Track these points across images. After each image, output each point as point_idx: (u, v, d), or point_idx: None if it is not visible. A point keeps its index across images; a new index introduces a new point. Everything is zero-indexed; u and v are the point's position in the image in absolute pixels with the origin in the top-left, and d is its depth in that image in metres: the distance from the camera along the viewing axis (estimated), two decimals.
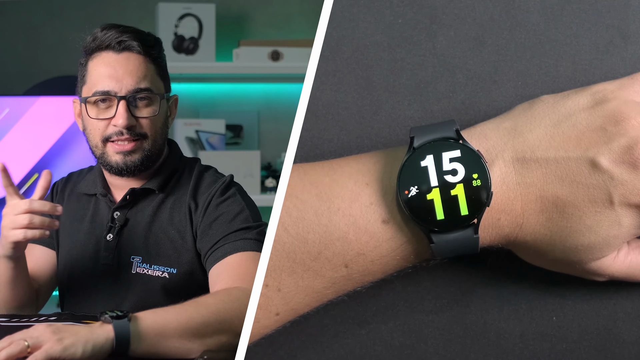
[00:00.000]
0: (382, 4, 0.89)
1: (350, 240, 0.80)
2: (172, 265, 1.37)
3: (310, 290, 0.82)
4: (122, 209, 1.41)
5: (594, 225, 0.80)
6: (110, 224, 1.41)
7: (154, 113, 1.37)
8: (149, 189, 1.41)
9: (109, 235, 1.40)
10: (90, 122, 1.38)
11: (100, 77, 1.36)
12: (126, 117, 1.34)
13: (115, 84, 1.35)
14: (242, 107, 2.84)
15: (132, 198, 1.41)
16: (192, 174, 1.42)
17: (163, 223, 1.39)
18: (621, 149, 0.79)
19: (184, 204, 1.39)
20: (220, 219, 1.35)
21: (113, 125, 1.35)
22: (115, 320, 1.06)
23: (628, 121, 0.79)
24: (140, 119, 1.36)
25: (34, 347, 1.01)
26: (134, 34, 1.38)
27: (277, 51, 2.65)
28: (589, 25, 0.87)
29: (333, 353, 0.88)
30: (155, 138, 1.38)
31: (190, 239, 1.37)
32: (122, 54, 1.36)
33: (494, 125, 0.82)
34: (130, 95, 1.35)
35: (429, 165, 0.80)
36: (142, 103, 1.36)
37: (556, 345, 0.87)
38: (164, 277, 1.37)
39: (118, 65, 1.36)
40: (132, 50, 1.36)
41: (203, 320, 1.12)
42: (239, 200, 1.38)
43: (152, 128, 1.38)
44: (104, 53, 1.37)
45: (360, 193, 0.81)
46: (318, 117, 0.88)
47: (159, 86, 1.39)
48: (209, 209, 1.37)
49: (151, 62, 1.38)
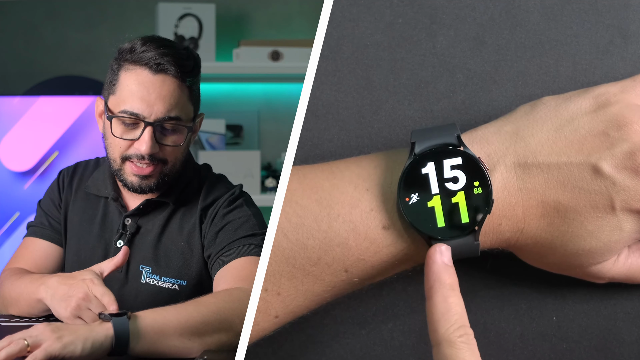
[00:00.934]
0: (382, 3, 0.88)
1: (351, 246, 0.80)
2: (182, 278, 1.37)
3: (309, 294, 0.82)
4: (134, 217, 1.40)
5: (595, 230, 0.80)
6: (122, 230, 1.40)
7: (179, 143, 1.35)
8: (164, 202, 1.40)
9: (119, 241, 1.39)
10: (113, 138, 1.35)
11: (132, 96, 1.32)
12: (150, 145, 1.32)
13: (145, 108, 1.31)
14: (242, 107, 2.84)
15: (144, 208, 1.40)
16: (204, 184, 1.42)
17: (173, 234, 1.39)
18: (623, 154, 0.78)
19: (194, 215, 1.39)
20: (226, 228, 1.36)
21: (135, 148, 1.33)
22: (114, 318, 1.06)
23: (631, 126, 0.78)
24: (164, 147, 1.34)
25: (33, 346, 1.01)
26: (173, 57, 1.33)
27: (277, 51, 2.65)
28: (589, 25, 0.87)
29: (333, 353, 0.87)
30: (175, 164, 1.37)
31: (198, 249, 1.37)
32: (157, 75, 1.32)
33: (495, 129, 0.82)
34: (158, 123, 1.32)
35: (430, 172, 0.80)
36: (168, 132, 1.34)
37: (556, 345, 0.87)
38: (173, 289, 1.36)
39: (152, 88, 1.31)
40: (169, 73, 1.32)
41: (203, 319, 1.13)
42: (245, 210, 1.38)
43: (174, 155, 1.36)
44: (140, 70, 1.32)
45: (360, 199, 0.81)
46: (318, 117, 0.88)
47: (188, 113, 1.36)
48: (216, 219, 1.37)
49: (186, 87, 1.34)
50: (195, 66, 1.37)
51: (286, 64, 2.65)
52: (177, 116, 1.33)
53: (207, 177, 1.44)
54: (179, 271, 1.37)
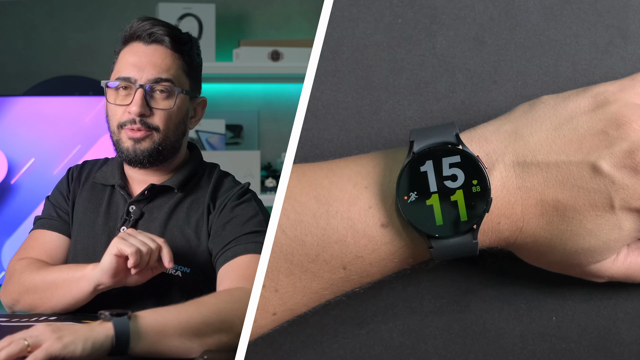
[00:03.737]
0: (382, 4, 0.89)
1: (349, 244, 0.80)
2: (186, 265, 1.37)
3: (307, 291, 0.82)
4: (139, 203, 1.42)
5: (594, 229, 0.80)
6: (125, 216, 1.41)
7: (170, 106, 1.38)
8: (168, 186, 1.42)
9: (122, 228, 1.40)
10: (110, 107, 1.39)
11: (126, 64, 1.38)
12: (140, 104, 1.35)
13: (136, 72, 1.37)
14: (242, 107, 2.84)
15: (150, 194, 1.42)
16: (212, 178, 1.44)
17: (180, 221, 1.40)
18: (622, 153, 0.78)
19: (202, 205, 1.40)
20: (233, 221, 1.37)
21: (128, 112, 1.37)
22: (114, 318, 1.06)
23: (629, 125, 0.79)
24: (155, 110, 1.37)
25: (33, 346, 1.01)
26: (166, 28, 1.39)
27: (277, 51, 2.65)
28: (589, 25, 0.87)
29: (333, 353, 0.88)
30: (167, 133, 1.39)
31: (205, 239, 1.38)
32: (150, 45, 1.38)
33: (494, 128, 0.82)
34: (149, 85, 1.36)
35: (429, 170, 0.80)
36: (159, 95, 1.37)
37: (556, 345, 0.87)
38: (177, 275, 1.37)
39: (144, 55, 1.38)
40: (162, 43, 1.38)
41: (203, 319, 1.12)
42: (253, 205, 1.40)
43: (165, 122, 1.38)
44: (135, 43, 1.39)
45: (359, 196, 0.81)
46: (318, 117, 0.88)
47: (182, 82, 1.40)
48: (224, 211, 1.38)
49: (180, 58, 1.39)
50: (190, 40, 1.42)
51: (286, 64, 2.65)
52: (168, 78, 1.37)
53: (215, 171, 1.46)
54: (184, 258, 1.37)
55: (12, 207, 2.46)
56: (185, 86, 1.40)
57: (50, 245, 1.45)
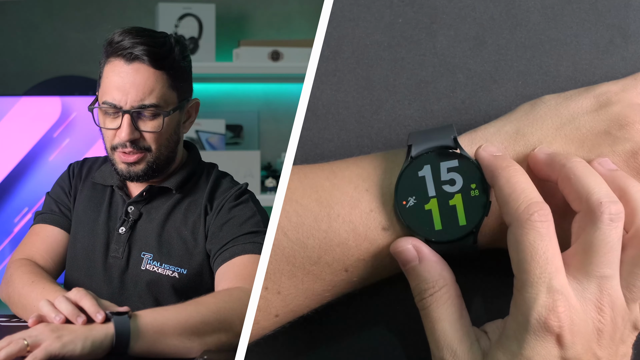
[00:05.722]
0: (382, 3, 0.89)
1: (350, 247, 0.80)
2: (182, 266, 1.38)
3: (310, 293, 0.82)
4: (137, 204, 1.42)
5: None
6: (124, 217, 1.42)
7: (158, 129, 1.36)
8: (166, 187, 1.42)
9: (121, 228, 1.41)
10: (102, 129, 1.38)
11: (110, 86, 1.35)
12: (129, 132, 1.34)
13: (121, 97, 1.34)
14: (242, 107, 2.84)
15: (148, 195, 1.42)
16: (210, 178, 1.44)
17: (177, 223, 1.40)
18: (626, 153, 0.78)
19: (199, 206, 1.40)
20: (231, 222, 1.37)
21: (118, 137, 1.36)
22: (115, 317, 1.06)
23: (633, 125, 0.78)
24: (145, 133, 1.36)
25: (33, 346, 1.01)
26: (146, 46, 1.35)
27: (277, 51, 2.65)
28: (589, 25, 0.87)
29: (333, 353, 0.87)
30: (160, 151, 1.38)
31: (202, 240, 1.38)
32: (132, 64, 1.35)
33: (495, 129, 0.82)
34: (134, 110, 1.34)
35: (427, 175, 0.80)
36: (147, 118, 1.36)
37: None
38: (173, 276, 1.37)
39: (126, 77, 1.34)
40: (142, 62, 1.35)
41: (203, 319, 1.13)
42: (251, 205, 1.40)
43: (156, 142, 1.38)
44: (116, 61, 1.36)
45: (360, 199, 0.81)
46: (318, 117, 0.88)
47: (168, 99, 1.37)
48: (221, 212, 1.38)
49: (163, 74, 1.36)
50: (171, 51, 1.38)
51: (286, 64, 2.65)
52: (153, 103, 1.35)
53: (213, 172, 1.46)
54: (181, 259, 1.38)
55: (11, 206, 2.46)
56: (173, 102, 1.38)
57: (51, 239, 1.46)
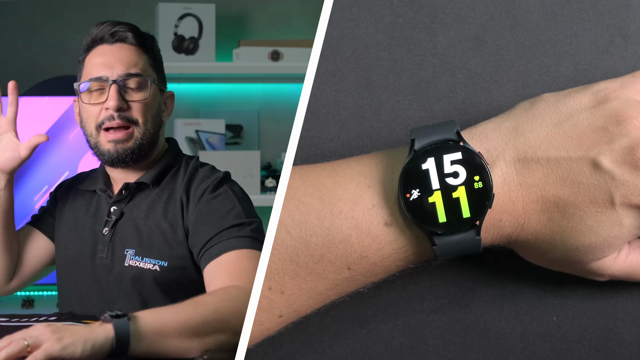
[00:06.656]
0: (382, 3, 0.89)
1: (353, 243, 0.80)
2: (163, 258, 1.38)
3: (313, 293, 0.82)
4: (119, 203, 1.43)
5: (595, 225, 0.80)
6: (107, 218, 1.43)
7: (145, 97, 1.40)
8: (143, 182, 1.42)
9: (104, 229, 1.42)
10: (85, 110, 1.41)
11: (94, 66, 1.41)
12: (116, 98, 1.37)
13: (107, 70, 1.39)
14: (242, 107, 2.84)
15: (128, 192, 1.43)
16: (187, 169, 1.43)
17: (157, 216, 1.40)
18: (623, 149, 0.78)
19: (177, 198, 1.40)
20: (211, 216, 1.36)
21: (105, 109, 1.38)
22: (114, 319, 1.06)
23: (630, 121, 0.79)
24: (131, 103, 1.39)
25: (33, 347, 1.01)
26: (127, 27, 1.43)
27: (277, 51, 2.65)
28: (589, 25, 0.87)
29: (333, 353, 0.87)
30: (147, 126, 1.40)
31: (182, 232, 1.38)
32: (115, 44, 1.42)
33: (494, 125, 0.82)
34: (121, 80, 1.39)
35: (430, 168, 0.80)
36: (133, 88, 1.40)
37: (556, 345, 0.87)
38: (154, 269, 1.37)
39: (110, 54, 1.41)
40: (125, 41, 1.42)
41: (202, 319, 1.12)
42: (230, 196, 1.38)
43: (143, 114, 1.40)
44: (99, 46, 1.43)
45: (362, 195, 0.81)
46: (318, 117, 0.88)
47: (150, 74, 1.43)
48: (199, 205, 1.37)
49: (144, 52, 1.43)
50: (150, 37, 1.46)
51: (286, 64, 2.65)
52: (138, 72, 1.40)
53: (192, 163, 1.46)
54: (161, 252, 1.38)
55: None
56: (153, 77, 1.43)
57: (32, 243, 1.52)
